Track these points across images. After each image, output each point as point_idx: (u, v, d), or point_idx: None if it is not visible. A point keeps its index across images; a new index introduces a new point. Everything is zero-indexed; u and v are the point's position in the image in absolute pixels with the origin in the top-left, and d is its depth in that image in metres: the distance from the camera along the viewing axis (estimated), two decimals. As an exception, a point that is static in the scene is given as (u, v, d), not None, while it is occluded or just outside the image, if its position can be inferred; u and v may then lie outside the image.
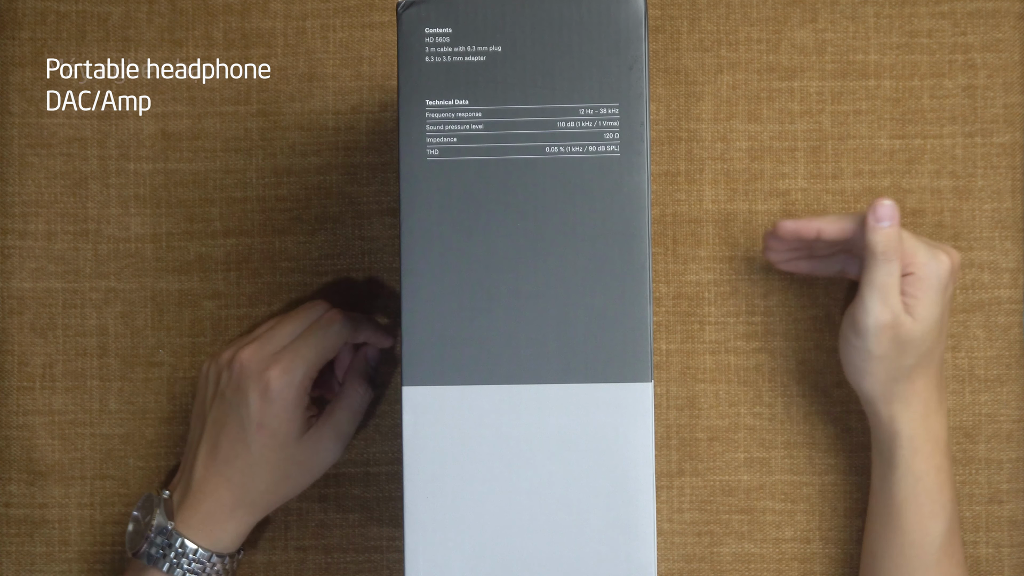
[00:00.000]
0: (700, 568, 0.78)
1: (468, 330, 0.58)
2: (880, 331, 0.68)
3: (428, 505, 0.58)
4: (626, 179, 0.58)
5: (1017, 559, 0.77)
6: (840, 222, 0.71)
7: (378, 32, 0.78)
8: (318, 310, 0.73)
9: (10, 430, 0.78)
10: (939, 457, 0.70)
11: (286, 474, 0.70)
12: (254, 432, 0.69)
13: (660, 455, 0.78)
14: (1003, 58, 0.78)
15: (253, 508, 0.70)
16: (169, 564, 0.68)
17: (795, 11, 0.78)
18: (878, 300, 0.68)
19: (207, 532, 0.69)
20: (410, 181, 0.58)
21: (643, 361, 0.58)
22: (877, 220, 0.68)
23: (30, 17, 0.79)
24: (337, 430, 0.71)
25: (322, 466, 0.71)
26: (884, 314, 0.68)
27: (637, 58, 0.58)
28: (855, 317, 0.69)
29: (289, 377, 0.69)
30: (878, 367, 0.69)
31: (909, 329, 0.68)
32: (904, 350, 0.69)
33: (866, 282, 0.69)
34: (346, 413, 0.72)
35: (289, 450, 0.69)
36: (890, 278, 0.68)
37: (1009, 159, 0.78)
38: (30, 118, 0.78)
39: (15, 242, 0.78)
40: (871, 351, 0.69)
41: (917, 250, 0.69)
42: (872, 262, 0.68)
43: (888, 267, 0.68)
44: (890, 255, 0.68)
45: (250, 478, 0.69)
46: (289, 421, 0.69)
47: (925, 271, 0.69)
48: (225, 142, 0.79)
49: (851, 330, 0.70)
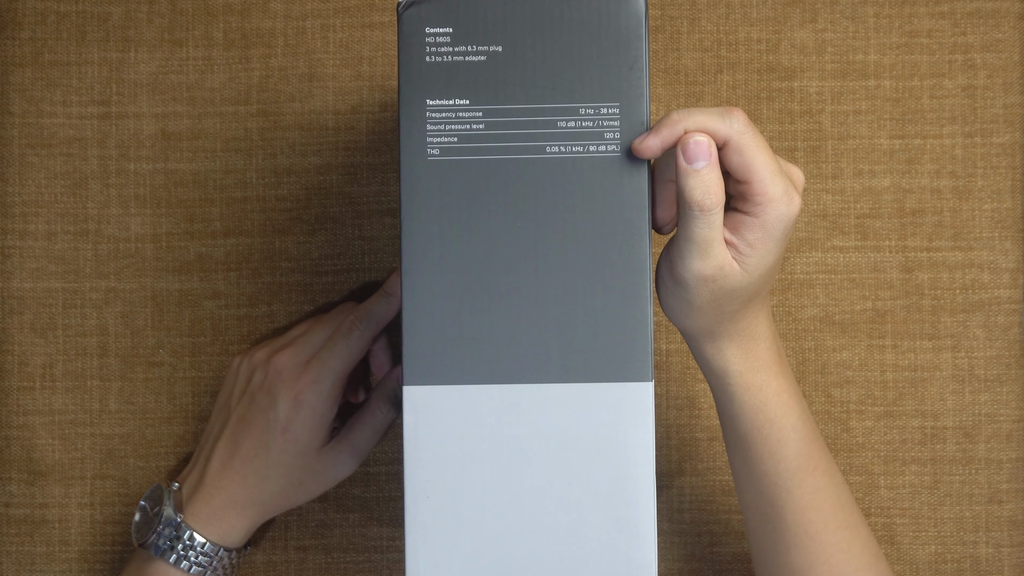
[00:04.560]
0: (700, 568, 0.78)
1: (468, 330, 0.58)
2: (700, 284, 0.58)
3: (428, 505, 0.58)
4: (626, 179, 0.58)
5: (1017, 559, 0.77)
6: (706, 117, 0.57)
7: (378, 32, 0.78)
8: (345, 314, 0.73)
9: (10, 430, 0.78)
10: (775, 381, 0.63)
11: (300, 481, 0.70)
12: (278, 436, 0.69)
13: (660, 455, 0.78)
14: (1003, 58, 0.78)
15: (263, 508, 0.70)
16: (176, 556, 0.68)
17: (795, 11, 0.78)
18: (697, 255, 0.57)
19: (216, 526, 0.69)
20: (410, 181, 0.58)
21: (643, 361, 0.58)
22: (689, 161, 0.56)
23: (30, 17, 0.79)
24: (355, 446, 0.71)
25: (336, 478, 0.71)
26: (705, 268, 0.57)
27: (637, 58, 0.58)
28: (672, 263, 0.59)
29: (319, 387, 0.69)
30: (697, 314, 0.60)
31: (736, 281, 0.58)
32: (728, 298, 0.59)
33: (683, 233, 0.57)
34: (367, 431, 0.72)
35: (307, 459, 0.70)
36: (711, 231, 0.57)
37: (1009, 159, 0.78)
38: (30, 118, 0.78)
39: (15, 242, 0.78)
40: (690, 301, 0.59)
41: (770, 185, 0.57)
42: (687, 213, 0.56)
43: (707, 218, 0.56)
44: (708, 205, 0.56)
45: (265, 480, 0.69)
46: (313, 430, 0.69)
47: (771, 216, 0.57)
48: (225, 142, 0.79)
49: (668, 275, 0.60)
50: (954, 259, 0.77)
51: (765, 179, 0.57)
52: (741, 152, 0.57)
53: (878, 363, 0.77)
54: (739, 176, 0.57)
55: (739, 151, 0.57)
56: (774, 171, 0.57)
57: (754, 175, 0.57)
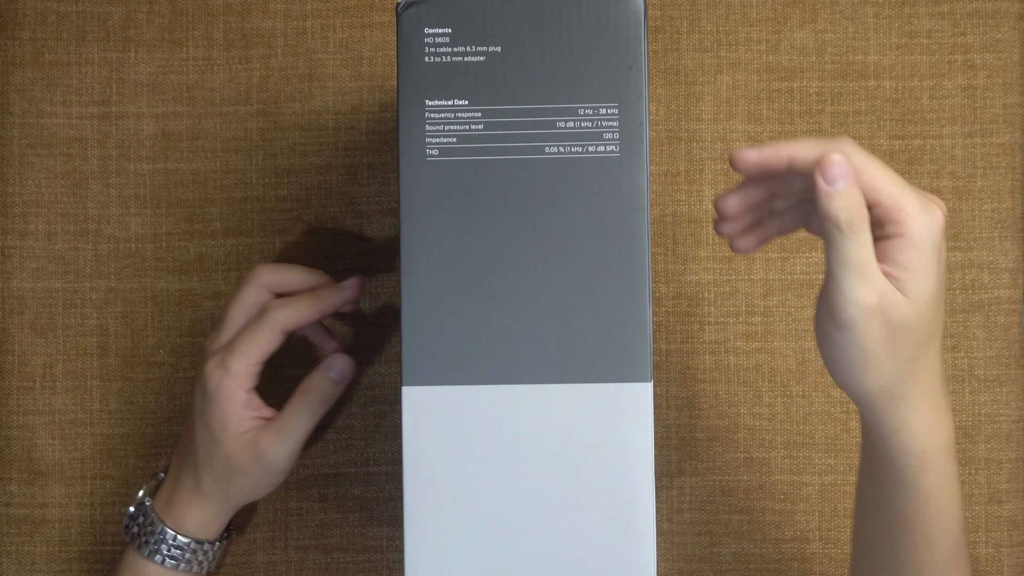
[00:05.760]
0: (700, 568, 0.78)
1: (468, 330, 0.58)
2: (867, 319, 0.54)
3: (428, 505, 0.58)
4: (626, 179, 0.58)
5: (1017, 559, 0.77)
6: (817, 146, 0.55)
7: (378, 32, 0.78)
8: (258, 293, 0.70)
9: (10, 430, 0.78)
10: (950, 467, 0.58)
11: (225, 471, 0.68)
12: (197, 424, 0.69)
13: (660, 455, 0.78)
14: (1003, 58, 0.78)
15: (208, 498, 0.69)
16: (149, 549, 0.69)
17: (795, 11, 0.78)
18: (856, 280, 0.53)
19: (173, 514, 0.70)
20: (410, 181, 0.58)
21: (643, 361, 0.58)
22: (831, 182, 0.54)
23: (30, 17, 0.79)
24: (281, 429, 0.68)
25: (272, 467, 0.68)
26: (868, 296, 0.54)
27: (637, 58, 0.58)
28: (832, 306, 0.54)
29: (221, 372, 0.68)
30: (872, 366, 0.55)
31: (903, 311, 0.54)
32: (901, 338, 0.55)
33: (836, 261, 0.54)
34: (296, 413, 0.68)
35: (226, 446, 0.68)
36: (864, 250, 0.54)
37: (1009, 159, 0.78)
38: (30, 118, 0.79)
39: (15, 242, 0.78)
40: (861, 346, 0.54)
41: (903, 199, 0.55)
42: (836, 236, 0.54)
43: (859, 238, 0.54)
44: (856, 223, 0.53)
45: (198, 468, 0.69)
46: (222, 417, 0.68)
47: (916, 230, 0.54)
48: (225, 142, 0.79)
49: (830, 324, 0.55)
50: (954, 259, 0.77)
51: (894, 193, 0.55)
52: (860, 172, 0.55)
53: (878, 363, 0.77)
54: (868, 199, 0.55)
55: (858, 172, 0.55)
56: (901, 184, 0.55)
57: (882, 193, 0.55)
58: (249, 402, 0.68)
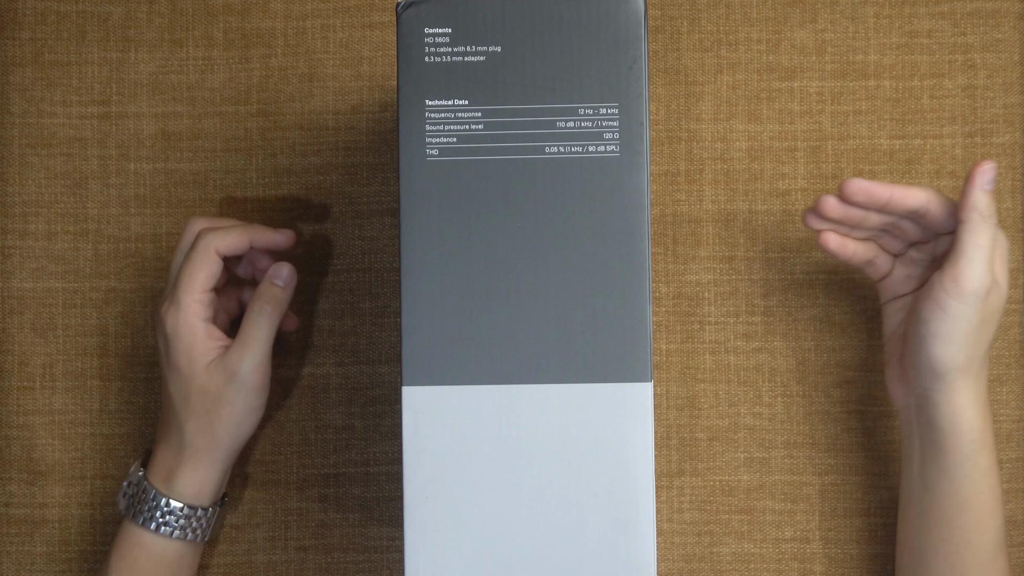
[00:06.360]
0: (700, 568, 0.78)
1: (468, 330, 0.58)
2: (982, 297, 0.64)
3: (428, 505, 0.58)
4: (626, 179, 0.58)
5: (1017, 559, 0.77)
6: (915, 191, 0.67)
7: (378, 32, 0.78)
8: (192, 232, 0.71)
9: (10, 430, 0.78)
10: (995, 449, 0.68)
11: (205, 407, 0.68)
12: (166, 370, 0.69)
13: (660, 455, 0.78)
14: (1003, 58, 0.78)
15: (197, 451, 0.69)
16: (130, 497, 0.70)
17: (795, 11, 0.78)
18: (985, 261, 0.64)
19: (164, 478, 0.69)
20: (410, 181, 0.58)
21: (643, 361, 0.58)
22: (985, 181, 0.65)
23: (30, 17, 0.79)
24: (244, 344, 0.68)
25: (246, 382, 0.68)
26: (988, 278, 0.64)
27: (637, 58, 0.58)
28: (960, 281, 0.64)
29: (174, 309, 0.68)
30: (970, 341, 0.65)
31: (1000, 297, 0.65)
32: (990, 322, 0.65)
33: (972, 244, 0.64)
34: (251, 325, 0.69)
35: (198, 381, 0.68)
36: (991, 241, 0.65)
37: (1009, 159, 0.78)
38: (30, 118, 0.79)
39: (15, 242, 0.78)
40: (970, 319, 0.64)
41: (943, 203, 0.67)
42: (979, 223, 0.65)
43: (992, 230, 0.65)
44: (992, 216, 0.65)
45: (179, 420, 0.69)
46: (188, 351, 0.68)
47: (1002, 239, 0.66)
48: (225, 142, 0.79)
49: (953, 297, 0.64)
50: (954, 259, 0.77)
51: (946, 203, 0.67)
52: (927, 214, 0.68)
53: (878, 363, 0.77)
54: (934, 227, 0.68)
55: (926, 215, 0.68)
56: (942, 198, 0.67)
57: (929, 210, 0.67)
58: (210, 332, 0.69)
